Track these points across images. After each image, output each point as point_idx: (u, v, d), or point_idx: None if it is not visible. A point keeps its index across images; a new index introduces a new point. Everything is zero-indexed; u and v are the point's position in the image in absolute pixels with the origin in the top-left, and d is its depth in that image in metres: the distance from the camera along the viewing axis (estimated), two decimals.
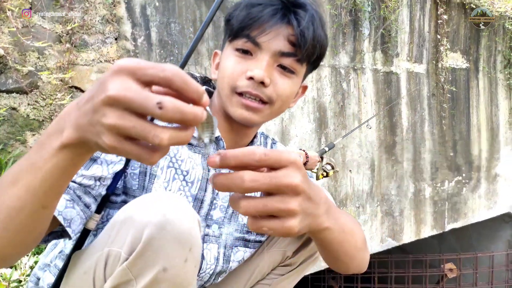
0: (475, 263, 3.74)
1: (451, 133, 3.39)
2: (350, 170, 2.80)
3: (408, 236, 3.11)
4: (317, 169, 1.97)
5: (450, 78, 3.33)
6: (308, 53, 0.89)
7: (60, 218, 0.77)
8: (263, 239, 1.14)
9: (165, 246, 0.68)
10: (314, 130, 2.62)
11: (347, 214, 0.84)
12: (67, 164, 0.55)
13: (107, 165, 0.84)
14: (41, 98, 2.04)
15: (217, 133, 0.96)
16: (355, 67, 2.80)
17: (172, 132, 0.47)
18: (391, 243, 3.03)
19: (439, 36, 3.24)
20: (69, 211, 0.79)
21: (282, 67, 0.90)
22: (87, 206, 0.82)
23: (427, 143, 3.22)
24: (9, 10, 1.96)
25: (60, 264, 0.93)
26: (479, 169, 3.62)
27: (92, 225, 0.82)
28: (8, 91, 1.98)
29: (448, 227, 3.37)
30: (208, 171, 1.01)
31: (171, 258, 0.69)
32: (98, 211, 0.83)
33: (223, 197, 1.01)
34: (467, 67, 3.49)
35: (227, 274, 1.15)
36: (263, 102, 0.90)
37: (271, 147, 1.17)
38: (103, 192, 0.85)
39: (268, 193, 0.54)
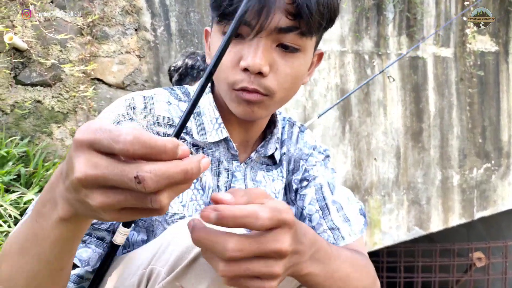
0: (505, 251, 3.64)
1: (480, 119, 3.28)
2: (375, 158, 2.75)
3: (435, 225, 3.04)
4: None
5: (478, 62, 3.22)
6: (313, 23, 0.72)
7: (76, 261, 0.75)
8: None
9: (206, 271, 0.64)
10: (338, 118, 2.57)
11: (351, 257, 0.77)
12: (71, 233, 0.54)
13: None
14: (65, 91, 2.05)
15: (225, 133, 0.90)
16: (380, 53, 2.72)
17: (170, 192, 0.43)
18: (418, 232, 2.97)
19: (465, 19, 3.12)
20: (84, 251, 0.77)
21: (283, 47, 0.74)
22: (100, 239, 0.79)
23: (455, 129, 3.13)
24: (31, 4, 1.97)
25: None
26: (508, 155, 3.50)
27: (120, 240, 0.76)
28: (33, 84, 2.00)
29: (477, 215, 3.28)
30: (218, 176, 0.93)
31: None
32: (126, 225, 0.77)
33: None
34: (496, 50, 3.36)
35: None
36: (262, 93, 0.78)
37: (298, 137, 1.10)
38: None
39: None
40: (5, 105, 1.95)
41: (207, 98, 0.93)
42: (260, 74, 0.75)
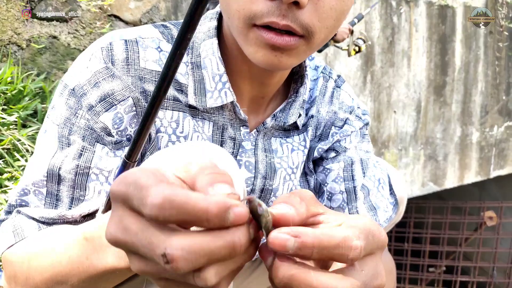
0: None
1: (506, 75, 3.17)
2: (394, 111, 2.68)
3: (450, 181, 3.02)
4: (348, 45, 1.83)
5: (510, 15, 3.06)
6: None
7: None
8: None
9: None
10: (360, 67, 2.48)
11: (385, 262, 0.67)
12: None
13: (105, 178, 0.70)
14: (81, 27, 1.99)
15: (231, 96, 0.71)
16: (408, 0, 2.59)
17: (218, 268, 0.33)
18: (432, 188, 2.95)
19: None
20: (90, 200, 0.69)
21: None
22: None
23: (479, 84, 3.03)
24: None
25: None
26: None
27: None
28: (48, 19, 1.94)
29: (493, 173, 3.24)
30: (221, 146, 0.75)
31: None
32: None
33: (246, 179, 0.81)
34: None
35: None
36: (296, 34, 0.58)
37: (332, 94, 0.88)
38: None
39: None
40: (21, 39, 1.90)
41: (209, 44, 0.71)
42: (296, 4, 0.55)
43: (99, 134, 0.68)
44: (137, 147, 0.50)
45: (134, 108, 0.69)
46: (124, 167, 0.54)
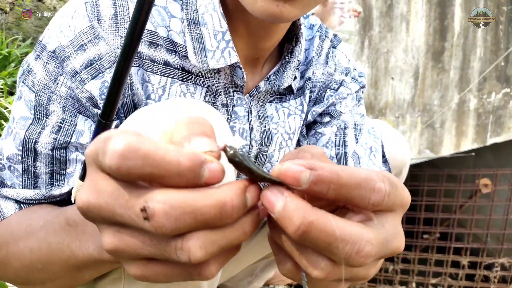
0: None
1: (506, 40, 3.11)
2: (392, 78, 2.63)
3: (447, 149, 3.01)
4: None
5: None
6: None
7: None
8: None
9: None
10: (357, 32, 2.42)
11: None
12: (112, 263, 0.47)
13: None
14: None
15: (235, 57, 0.65)
16: None
17: (204, 239, 0.29)
18: (428, 155, 2.94)
19: None
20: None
21: None
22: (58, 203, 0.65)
23: (478, 50, 2.98)
24: None
25: None
26: None
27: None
28: None
29: (490, 141, 3.23)
30: (213, 102, 0.69)
31: None
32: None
33: (241, 147, 0.77)
34: None
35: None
36: None
37: (328, 55, 0.83)
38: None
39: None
40: (4, 2, 1.82)
41: None
42: None
43: (83, 105, 0.61)
44: (112, 104, 0.46)
45: None
46: (99, 127, 0.49)
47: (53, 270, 0.51)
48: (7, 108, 1.62)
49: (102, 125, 0.48)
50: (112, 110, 0.46)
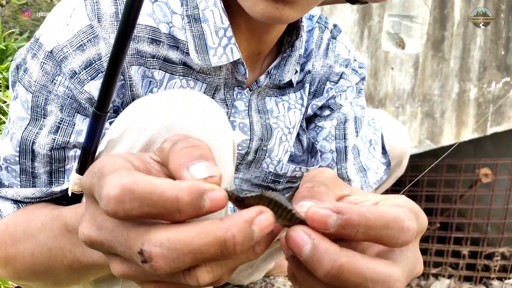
0: None
1: (506, 29, 3.09)
2: (392, 68, 2.62)
3: (447, 139, 3.00)
4: None
5: None
6: None
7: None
8: (294, 185, 0.86)
9: None
10: (357, 22, 2.40)
11: None
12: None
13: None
14: None
15: (237, 53, 0.64)
16: None
17: (213, 265, 0.28)
18: (429, 145, 2.94)
19: None
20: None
21: None
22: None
23: (478, 39, 2.96)
24: None
25: None
26: None
27: (78, 188, 0.58)
28: None
29: (490, 130, 3.22)
30: (212, 97, 0.67)
31: None
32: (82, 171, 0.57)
33: (241, 142, 0.75)
34: None
35: None
36: None
37: (327, 47, 0.81)
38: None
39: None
40: None
41: None
42: None
43: (81, 105, 0.60)
44: (107, 95, 0.45)
45: (122, 77, 0.61)
46: (95, 120, 0.48)
47: (56, 272, 0.51)
48: (5, 102, 1.61)
49: (97, 116, 0.47)
50: (106, 101, 0.45)
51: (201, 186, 0.27)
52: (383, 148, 0.91)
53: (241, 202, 0.30)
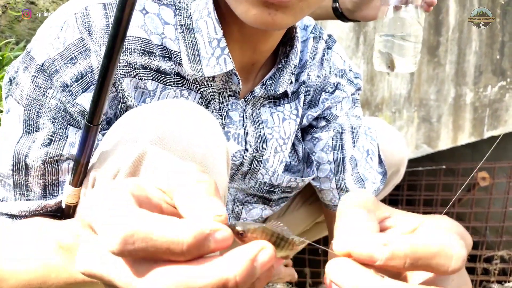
0: (510, 172, 3.65)
1: (501, 33, 3.11)
2: (388, 73, 2.63)
3: (444, 143, 3.01)
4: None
5: None
6: None
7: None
8: (290, 195, 0.86)
9: (162, 166, 0.48)
10: (352, 28, 2.41)
11: None
12: None
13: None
14: None
15: (230, 64, 0.64)
16: None
17: None
18: (426, 150, 2.94)
19: None
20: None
21: None
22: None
23: (473, 44, 2.97)
24: None
25: None
26: None
27: (72, 199, 0.59)
28: None
29: (487, 134, 3.23)
30: (206, 107, 0.66)
31: None
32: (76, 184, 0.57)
33: (236, 152, 0.75)
34: None
35: None
36: None
37: (322, 57, 0.81)
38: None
39: None
40: None
41: (203, 4, 0.63)
42: None
43: (74, 117, 0.60)
44: (98, 107, 0.45)
45: (114, 89, 0.61)
46: (87, 132, 0.48)
47: (52, 287, 0.51)
48: (2, 111, 1.62)
49: (89, 128, 0.48)
50: (98, 112, 0.46)
51: (206, 227, 0.27)
52: (379, 157, 0.92)
53: (243, 235, 0.29)
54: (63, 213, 0.57)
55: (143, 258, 0.27)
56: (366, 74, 2.55)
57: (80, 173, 0.51)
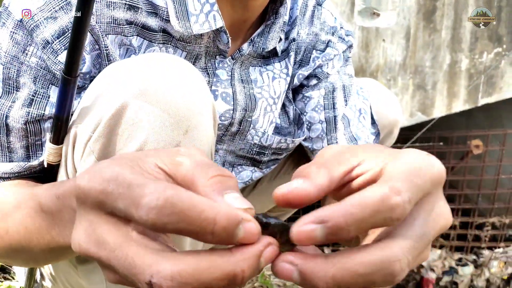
0: (503, 139, 3.67)
1: None
2: (383, 40, 2.59)
3: (439, 111, 3.00)
4: None
5: None
6: None
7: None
8: (280, 157, 0.84)
9: (143, 121, 0.46)
10: None
11: None
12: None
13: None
14: None
15: (220, 21, 0.62)
16: None
17: None
18: (420, 118, 2.94)
19: None
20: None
21: None
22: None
23: (470, 9, 2.92)
24: None
25: None
26: None
27: (54, 158, 0.57)
28: None
29: (482, 101, 3.22)
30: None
31: (150, 142, 0.47)
32: (56, 141, 0.55)
33: (224, 112, 0.73)
34: None
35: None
36: None
37: (312, 14, 0.79)
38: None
39: None
40: None
41: None
42: None
43: (56, 76, 0.57)
44: (75, 58, 0.42)
45: (97, 46, 0.58)
46: (64, 85, 0.45)
47: (34, 252, 0.49)
48: None
49: (67, 81, 0.45)
50: (74, 63, 0.43)
51: (239, 214, 0.27)
52: (372, 118, 0.90)
53: (265, 228, 0.30)
54: (46, 172, 0.55)
55: (171, 232, 0.27)
56: (361, 40, 2.51)
57: (61, 129, 0.48)
